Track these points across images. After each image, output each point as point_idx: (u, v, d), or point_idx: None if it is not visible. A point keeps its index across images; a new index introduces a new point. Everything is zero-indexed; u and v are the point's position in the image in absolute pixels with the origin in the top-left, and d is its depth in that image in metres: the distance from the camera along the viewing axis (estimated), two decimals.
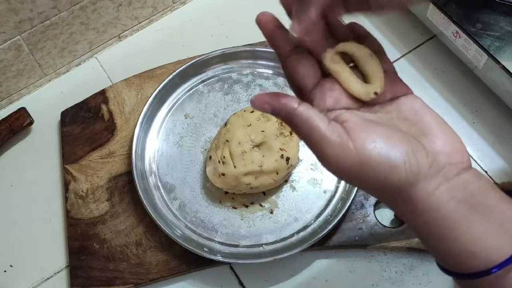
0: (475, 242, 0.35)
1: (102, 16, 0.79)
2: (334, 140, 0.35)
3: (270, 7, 0.95)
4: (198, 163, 0.72)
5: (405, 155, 0.35)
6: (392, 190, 0.36)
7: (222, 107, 0.76)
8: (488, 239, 0.35)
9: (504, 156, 0.73)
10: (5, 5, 0.68)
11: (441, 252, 0.37)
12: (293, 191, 0.70)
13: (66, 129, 0.76)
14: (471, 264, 0.35)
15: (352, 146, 0.35)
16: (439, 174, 0.36)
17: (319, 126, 0.36)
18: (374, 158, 0.35)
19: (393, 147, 0.35)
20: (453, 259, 0.36)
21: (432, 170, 0.36)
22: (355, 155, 0.35)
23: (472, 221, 0.35)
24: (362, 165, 0.35)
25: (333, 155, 0.35)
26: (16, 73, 0.77)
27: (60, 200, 0.73)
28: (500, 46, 0.69)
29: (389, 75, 0.41)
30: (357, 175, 0.35)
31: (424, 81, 0.79)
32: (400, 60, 0.81)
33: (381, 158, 0.35)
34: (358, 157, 0.35)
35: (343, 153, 0.35)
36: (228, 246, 0.67)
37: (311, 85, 0.40)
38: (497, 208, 0.36)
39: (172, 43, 0.84)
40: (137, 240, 0.68)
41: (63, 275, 0.68)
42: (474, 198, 0.35)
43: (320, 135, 0.36)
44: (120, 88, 0.78)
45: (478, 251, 0.35)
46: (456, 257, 0.36)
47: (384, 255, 0.67)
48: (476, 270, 0.35)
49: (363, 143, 0.35)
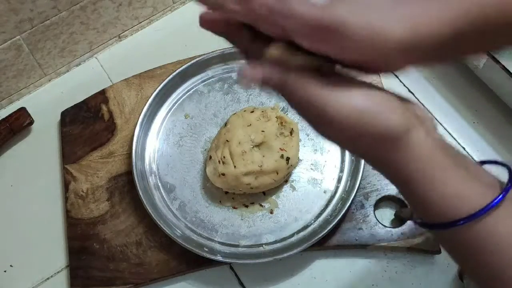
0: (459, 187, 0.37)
1: (102, 16, 0.79)
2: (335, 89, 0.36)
3: None
4: (198, 163, 0.72)
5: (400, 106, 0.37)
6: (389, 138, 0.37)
7: (222, 107, 0.76)
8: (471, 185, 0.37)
9: (504, 156, 0.73)
10: (5, 5, 0.67)
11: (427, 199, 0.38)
12: (293, 191, 0.70)
13: (66, 129, 0.76)
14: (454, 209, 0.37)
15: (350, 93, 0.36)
16: (424, 125, 0.38)
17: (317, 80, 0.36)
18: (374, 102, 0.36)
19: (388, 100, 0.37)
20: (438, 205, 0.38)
21: (419, 121, 0.38)
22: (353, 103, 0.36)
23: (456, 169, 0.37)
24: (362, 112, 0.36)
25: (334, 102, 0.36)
26: (16, 73, 0.77)
27: (60, 200, 0.73)
28: None
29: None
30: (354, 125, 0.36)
31: (424, 81, 0.79)
32: None
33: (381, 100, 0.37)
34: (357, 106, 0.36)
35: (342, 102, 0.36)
36: (228, 246, 0.67)
37: None
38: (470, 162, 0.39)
39: (172, 43, 0.84)
40: (137, 240, 0.68)
41: (63, 275, 0.68)
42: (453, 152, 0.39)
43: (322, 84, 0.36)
44: (120, 88, 0.78)
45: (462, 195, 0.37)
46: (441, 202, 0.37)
47: (384, 255, 0.67)
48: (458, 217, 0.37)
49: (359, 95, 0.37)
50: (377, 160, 0.40)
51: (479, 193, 0.37)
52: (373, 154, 0.39)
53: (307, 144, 0.73)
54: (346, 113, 0.36)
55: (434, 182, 0.37)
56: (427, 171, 0.37)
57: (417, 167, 0.38)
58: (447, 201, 0.37)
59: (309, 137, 0.73)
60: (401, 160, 0.38)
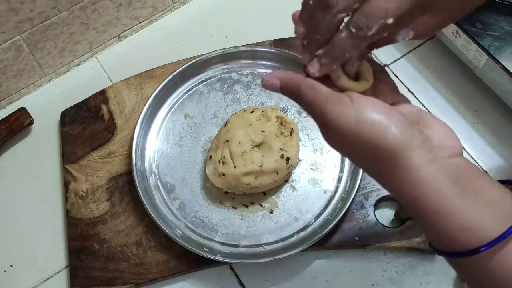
0: (466, 219, 0.36)
1: (102, 16, 0.79)
2: (336, 100, 0.38)
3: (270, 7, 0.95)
4: (198, 163, 0.72)
5: (401, 123, 0.37)
6: (386, 154, 0.37)
7: (222, 107, 0.76)
8: (479, 218, 0.36)
9: (504, 156, 0.73)
10: (5, 5, 0.67)
11: (434, 229, 0.37)
12: (293, 191, 0.70)
13: (66, 129, 0.76)
14: (461, 241, 0.36)
15: (352, 105, 0.37)
16: (432, 151, 0.37)
17: (323, 90, 0.39)
18: (371, 117, 0.37)
19: (390, 114, 0.38)
20: (444, 235, 0.37)
21: (426, 145, 0.37)
22: (354, 112, 0.37)
23: (464, 198, 0.36)
24: (359, 123, 0.37)
25: (333, 111, 0.38)
26: (16, 73, 0.77)
27: (60, 200, 0.73)
28: (500, 46, 0.69)
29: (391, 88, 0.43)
30: (353, 133, 0.37)
31: (424, 81, 0.79)
32: (400, 60, 0.81)
33: (378, 118, 0.37)
34: (356, 115, 0.37)
35: (343, 110, 0.37)
36: (228, 246, 0.67)
37: None
38: (487, 190, 0.37)
39: (172, 43, 0.84)
40: (137, 240, 0.68)
41: (63, 275, 0.68)
42: (465, 179, 0.37)
43: (323, 96, 0.39)
44: (120, 88, 0.78)
45: (469, 229, 0.36)
46: (447, 233, 0.37)
47: (384, 255, 0.67)
48: (466, 248, 0.36)
49: (363, 106, 0.38)
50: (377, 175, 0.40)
51: (489, 225, 0.36)
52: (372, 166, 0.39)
53: (307, 144, 0.73)
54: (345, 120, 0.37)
55: (439, 213, 0.36)
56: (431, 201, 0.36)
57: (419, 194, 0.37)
58: (453, 233, 0.36)
59: (309, 137, 0.73)
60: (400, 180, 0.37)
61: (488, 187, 0.37)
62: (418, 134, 0.37)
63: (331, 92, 0.39)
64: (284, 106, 0.75)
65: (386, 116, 0.37)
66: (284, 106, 0.75)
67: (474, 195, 0.36)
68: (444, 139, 0.39)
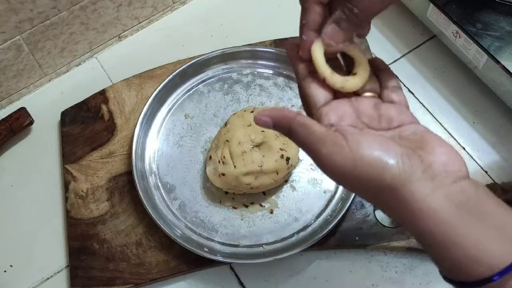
0: (475, 247, 0.34)
1: (102, 16, 0.79)
2: (330, 141, 0.37)
3: (270, 7, 0.95)
4: (198, 163, 0.72)
5: (399, 156, 0.36)
6: (387, 190, 0.36)
7: (222, 107, 0.76)
8: (489, 245, 0.34)
9: (504, 156, 0.73)
10: (5, 5, 0.67)
11: (443, 260, 0.36)
12: (293, 191, 0.70)
13: (66, 129, 0.76)
14: (472, 271, 0.35)
15: (346, 145, 0.37)
16: (434, 179, 0.36)
17: (315, 130, 0.38)
18: (367, 156, 0.36)
19: (387, 149, 0.37)
20: (455, 266, 0.35)
21: (426, 174, 0.36)
22: (349, 153, 0.36)
23: (471, 226, 0.35)
24: (356, 164, 0.36)
25: (328, 154, 0.37)
26: (16, 73, 0.77)
27: (60, 200, 0.73)
28: (500, 46, 0.69)
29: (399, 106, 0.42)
30: (351, 175, 0.36)
31: (424, 81, 0.79)
32: (400, 60, 0.81)
33: (374, 156, 0.36)
34: (352, 156, 0.36)
35: (338, 152, 0.37)
36: (228, 246, 0.67)
37: (320, 104, 0.42)
38: (495, 213, 0.36)
39: (172, 43, 0.84)
40: (137, 240, 0.68)
41: (63, 275, 0.68)
42: (471, 204, 0.35)
43: (317, 137, 0.38)
44: (120, 88, 0.78)
45: (479, 257, 0.34)
46: (458, 264, 0.35)
47: (384, 255, 0.67)
48: (478, 278, 0.34)
49: (357, 144, 0.37)
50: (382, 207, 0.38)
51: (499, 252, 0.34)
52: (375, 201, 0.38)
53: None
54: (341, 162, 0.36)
55: (447, 244, 0.35)
56: (437, 232, 0.35)
57: (424, 226, 0.35)
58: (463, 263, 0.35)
59: None
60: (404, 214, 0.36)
61: (496, 210, 0.36)
62: (418, 164, 0.36)
63: (323, 131, 0.38)
64: (284, 106, 0.75)
65: (383, 152, 0.36)
66: (284, 106, 0.75)
67: (481, 220, 0.35)
68: (447, 163, 0.37)
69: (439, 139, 0.39)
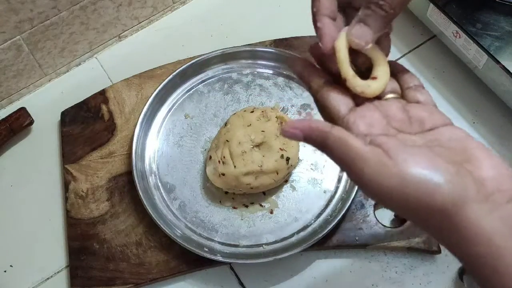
0: None
1: (102, 16, 0.79)
2: (373, 158, 0.34)
3: (270, 7, 0.95)
4: (198, 163, 0.72)
5: (450, 176, 0.33)
6: (438, 213, 0.33)
7: (222, 107, 0.76)
8: None
9: (504, 156, 0.73)
10: (5, 5, 0.68)
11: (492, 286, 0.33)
12: (293, 191, 0.70)
13: (66, 129, 0.76)
14: None
15: (392, 164, 0.33)
16: (488, 200, 0.33)
17: (355, 145, 0.35)
18: (416, 176, 0.33)
19: (436, 167, 0.33)
20: None
21: (481, 195, 0.33)
22: (396, 173, 0.33)
23: None
24: (404, 184, 0.33)
25: (373, 174, 0.34)
26: (16, 73, 0.77)
27: (60, 200, 0.73)
28: (500, 46, 0.69)
29: (428, 106, 0.40)
30: (399, 196, 0.33)
31: (424, 81, 0.79)
32: (400, 60, 0.81)
33: (424, 176, 0.33)
34: (400, 175, 0.33)
35: (383, 172, 0.33)
36: (228, 246, 0.67)
37: (343, 113, 0.39)
38: None
39: (172, 43, 0.84)
40: (137, 240, 0.68)
41: (63, 275, 0.68)
42: None
43: (357, 154, 0.34)
44: (120, 88, 0.78)
45: None
46: None
47: (384, 255, 0.67)
48: None
49: (404, 162, 0.33)
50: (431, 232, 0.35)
51: None
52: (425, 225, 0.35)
53: (307, 144, 0.72)
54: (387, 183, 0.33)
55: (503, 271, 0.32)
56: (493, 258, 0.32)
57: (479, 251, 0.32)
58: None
59: None
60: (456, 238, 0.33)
61: None
62: (471, 183, 0.33)
63: (362, 147, 0.34)
64: (284, 106, 0.75)
65: (432, 171, 0.33)
66: (284, 106, 0.75)
67: None
68: (499, 180, 0.34)
69: (484, 148, 0.36)
